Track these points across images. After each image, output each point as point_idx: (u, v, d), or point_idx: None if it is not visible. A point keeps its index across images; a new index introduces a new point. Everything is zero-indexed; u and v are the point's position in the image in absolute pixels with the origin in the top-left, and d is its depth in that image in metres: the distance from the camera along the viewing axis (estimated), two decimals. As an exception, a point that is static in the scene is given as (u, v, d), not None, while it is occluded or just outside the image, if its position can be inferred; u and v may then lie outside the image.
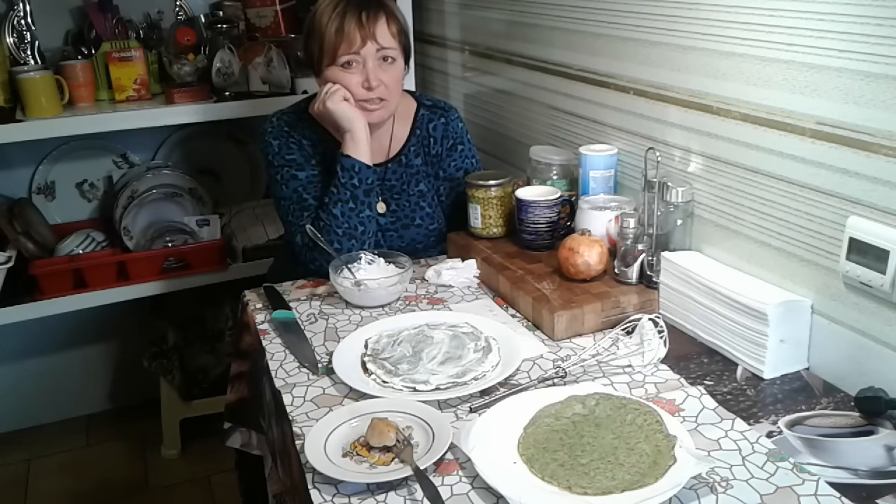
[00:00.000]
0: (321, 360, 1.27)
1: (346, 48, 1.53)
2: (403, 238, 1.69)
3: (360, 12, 1.53)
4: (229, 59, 2.27)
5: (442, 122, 1.72)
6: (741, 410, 1.08)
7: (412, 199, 1.69)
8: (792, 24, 1.13)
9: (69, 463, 2.54)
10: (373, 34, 1.53)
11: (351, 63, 1.54)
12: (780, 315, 1.14)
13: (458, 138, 1.73)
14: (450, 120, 1.73)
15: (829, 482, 0.92)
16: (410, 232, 1.69)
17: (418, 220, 1.69)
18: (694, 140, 1.37)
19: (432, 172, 1.73)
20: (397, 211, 1.69)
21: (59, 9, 2.37)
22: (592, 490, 0.91)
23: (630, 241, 1.37)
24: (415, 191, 1.70)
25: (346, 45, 1.52)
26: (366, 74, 1.54)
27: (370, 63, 1.54)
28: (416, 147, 1.71)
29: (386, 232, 1.68)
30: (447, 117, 1.73)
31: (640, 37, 1.47)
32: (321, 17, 1.55)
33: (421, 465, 0.96)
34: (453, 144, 1.72)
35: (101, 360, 2.73)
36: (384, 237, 1.68)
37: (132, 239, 2.34)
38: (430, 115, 1.72)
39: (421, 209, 1.69)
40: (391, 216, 1.68)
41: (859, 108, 1.04)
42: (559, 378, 1.17)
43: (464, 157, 1.74)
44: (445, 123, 1.72)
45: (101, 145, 2.51)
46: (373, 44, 1.53)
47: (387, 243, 1.67)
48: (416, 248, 1.70)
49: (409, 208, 1.69)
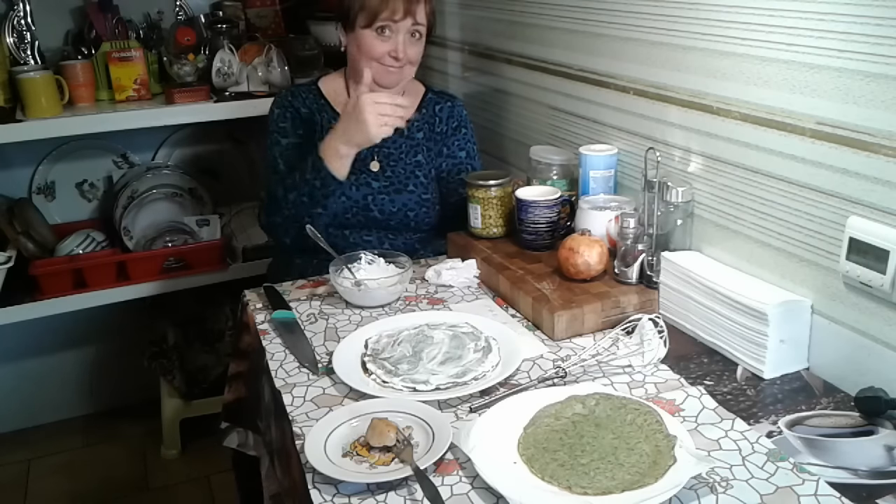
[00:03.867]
0: (321, 360, 1.27)
1: (388, 16, 1.60)
2: (395, 202, 1.72)
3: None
4: (229, 59, 2.27)
5: (448, 106, 1.82)
6: (741, 410, 1.08)
7: (408, 168, 1.75)
8: (792, 24, 1.13)
9: (69, 463, 2.54)
10: (414, 10, 1.62)
11: (385, 30, 1.62)
12: (780, 315, 1.14)
13: (462, 122, 1.83)
14: (455, 105, 1.83)
15: (829, 482, 0.92)
16: (402, 197, 1.72)
17: (411, 186, 1.73)
18: (694, 140, 1.37)
19: (434, 149, 1.79)
20: (392, 176, 1.73)
21: (59, 9, 2.38)
22: (592, 490, 0.91)
23: (630, 241, 1.37)
24: (412, 160, 1.76)
25: (389, 13, 1.60)
26: (396, 44, 1.62)
27: (401, 35, 1.63)
28: (419, 123, 1.78)
29: (378, 195, 1.71)
30: (453, 103, 1.84)
31: (640, 37, 1.47)
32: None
33: (421, 465, 0.96)
34: (458, 126, 1.82)
35: (101, 360, 2.73)
36: (374, 200, 1.71)
37: (132, 239, 2.34)
38: (438, 98, 1.82)
39: (416, 177, 1.74)
40: (385, 180, 1.72)
41: (859, 108, 1.04)
42: (559, 378, 1.17)
43: (466, 139, 1.83)
44: (451, 107, 1.82)
45: (101, 145, 2.51)
46: (411, 18, 1.62)
47: (377, 206, 1.71)
48: (408, 216, 1.73)
49: (405, 175, 1.74)
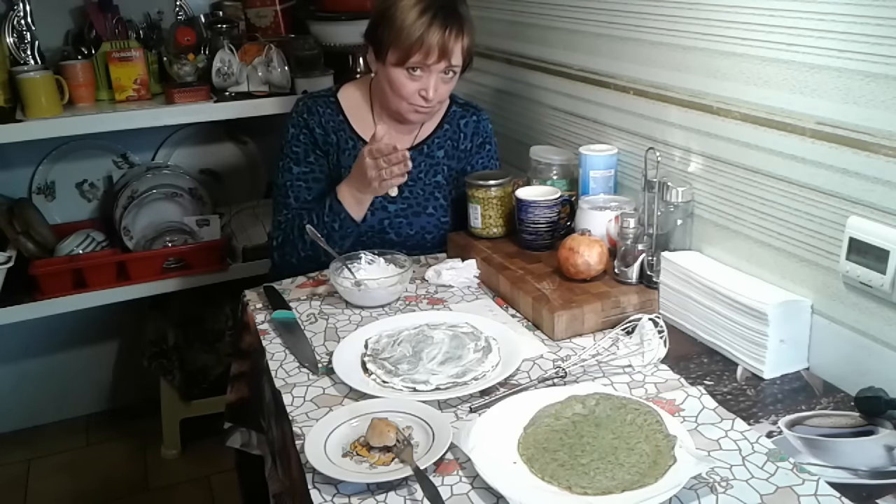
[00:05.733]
0: (321, 360, 1.26)
1: (421, 59, 1.52)
2: (413, 225, 1.69)
3: (445, 28, 1.51)
4: (229, 59, 2.27)
5: (474, 120, 1.75)
6: (741, 410, 1.08)
7: (427, 189, 1.70)
8: (792, 24, 1.13)
9: (69, 463, 2.54)
10: (450, 52, 1.53)
11: (416, 69, 1.54)
12: (780, 315, 1.14)
13: (487, 138, 1.77)
14: (481, 119, 1.77)
15: (829, 482, 0.92)
16: (421, 220, 1.69)
17: (430, 209, 1.70)
18: (694, 140, 1.37)
19: (456, 167, 1.74)
20: (409, 198, 1.69)
21: (59, 9, 2.37)
22: (592, 490, 0.91)
23: (630, 241, 1.37)
24: (432, 181, 1.71)
25: (422, 57, 1.52)
26: (427, 85, 1.55)
27: (434, 77, 1.55)
28: (441, 140, 1.73)
29: (395, 218, 1.68)
30: (479, 116, 1.77)
31: (640, 37, 1.47)
32: (405, 12, 1.51)
33: (421, 465, 0.95)
34: (482, 143, 1.76)
35: (101, 360, 2.73)
36: (391, 223, 1.67)
37: (132, 239, 2.34)
38: (463, 112, 1.76)
39: (435, 199, 1.71)
40: (402, 202, 1.68)
41: (859, 108, 1.04)
42: (559, 378, 1.17)
43: (490, 156, 1.78)
44: (477, 122, 1.76)
45: (101, 145, 2.51)
46: (445, 62, 1.54)
47: (394, 230, 1.68)
48: (425, 238, 1.70)
49: (423, 197, 1.70)
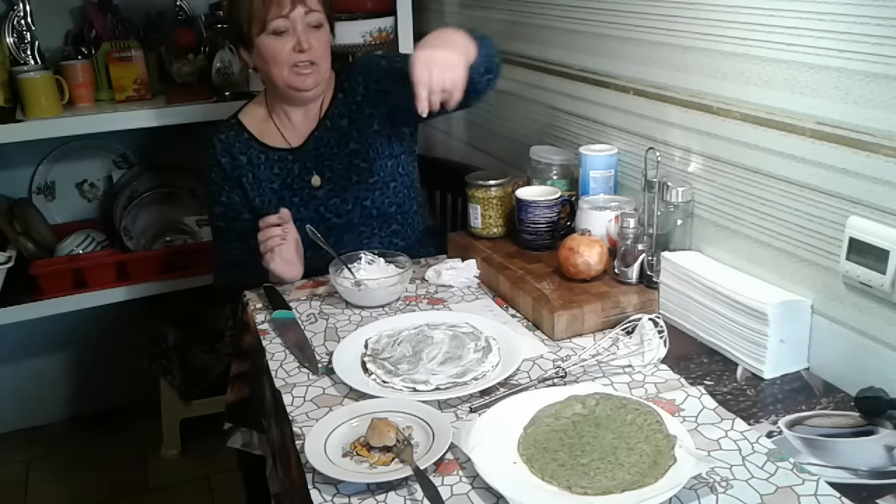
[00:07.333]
0: (321, 360, 1.27)
1: (277, 11, 1.53)
2: (346, 201, 1.66)
3: None
4: (229, 59, 2.27)
5: (356, 71, 1.71)
6: (741, 410, 1.08)
7: (344, 162, 1.67)
8: (792, 24, 1.13)
9: (69, 463, 2.54)
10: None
11: (281, 29, 1.55)
12: (780, 315, 1.14)
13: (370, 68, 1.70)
14: (357, 63, 1.73)
15: (829, 482, 0.92)
16: (350, 193, 1.67)
17: (355, 177, 1.67)
18: (694, 140, 1.37)
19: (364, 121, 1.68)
20: (331, 176, 1.67)
21: (59, 9, 2.37)
22: (592, 490, 0.91)
23: (630, 241, 1.37)
24: (345, 151, 1.68)
25: (277, 9, 1.53)
26: (297, 38, 1.55)
27: (300, 27, 1.56)
28: (340, 109, 1.69)
29: (328, 201, 1.66)
30: (355, 63, 1.73)
31: (640, 37, 1.47)
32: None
33: (421, 465, 0.96)
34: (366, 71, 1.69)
35: (101, 360, 2.73)
36: (327, 207, 1.66)
37: (132, 239, 2.34)
38: (346, 74, 1.72)
39: (355, 166, 1.67)
40: (327, 184, 1.67)
41: (859, 108, 1.04)
42: (559, 378, 1.17)
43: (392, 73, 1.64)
44: (354, 67, 1.72)
45: (101, 145, 2.50)
46: (302, 7, 1.55)
47: (332, 212, 1.66)
48: (365, 207, 1.67)
49: (343, 169, 1.67)
